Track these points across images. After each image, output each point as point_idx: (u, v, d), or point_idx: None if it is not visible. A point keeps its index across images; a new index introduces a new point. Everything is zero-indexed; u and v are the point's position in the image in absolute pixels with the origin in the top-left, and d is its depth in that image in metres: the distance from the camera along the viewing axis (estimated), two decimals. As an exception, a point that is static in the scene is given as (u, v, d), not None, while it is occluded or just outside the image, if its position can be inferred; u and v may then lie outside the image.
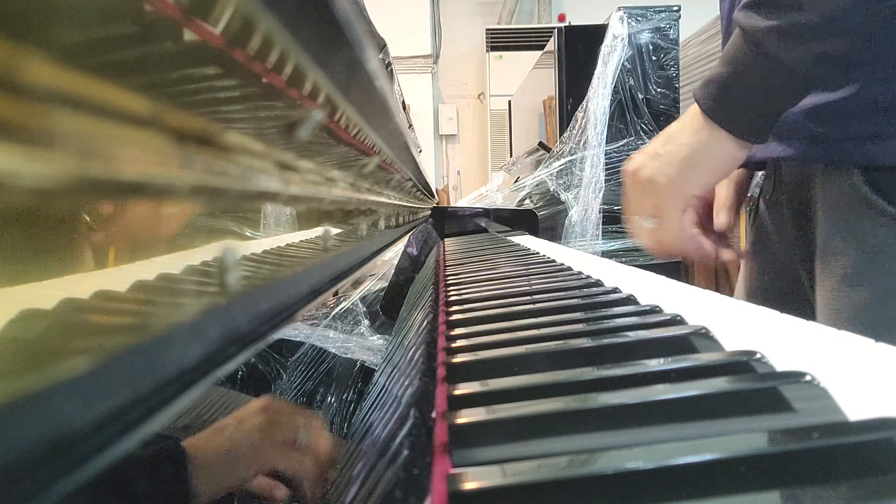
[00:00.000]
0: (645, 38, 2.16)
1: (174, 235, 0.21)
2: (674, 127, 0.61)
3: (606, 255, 2.05)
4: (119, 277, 0.17)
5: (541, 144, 2.42)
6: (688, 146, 0.58)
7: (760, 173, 0.81)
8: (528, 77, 3.13)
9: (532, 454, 0.19)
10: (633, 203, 0.64)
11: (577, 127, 2.12)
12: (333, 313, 1.20)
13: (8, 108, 0.09)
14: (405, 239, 1.15)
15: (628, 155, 0.80)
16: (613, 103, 2.13)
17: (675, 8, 2.20)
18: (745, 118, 0.57)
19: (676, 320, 0.31)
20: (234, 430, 0.57)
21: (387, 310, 1.24)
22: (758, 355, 0.24)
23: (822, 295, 0.63)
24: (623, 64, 2.13)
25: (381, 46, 0.73)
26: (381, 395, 0.43)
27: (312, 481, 0.57)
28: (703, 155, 0.58)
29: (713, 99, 0.57)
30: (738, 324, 0.33)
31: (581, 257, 0.72)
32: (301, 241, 0.39)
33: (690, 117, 0.60)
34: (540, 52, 2.74)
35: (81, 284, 0.15)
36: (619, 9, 2.15)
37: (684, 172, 0.58)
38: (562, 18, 4.38)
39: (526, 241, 1.11)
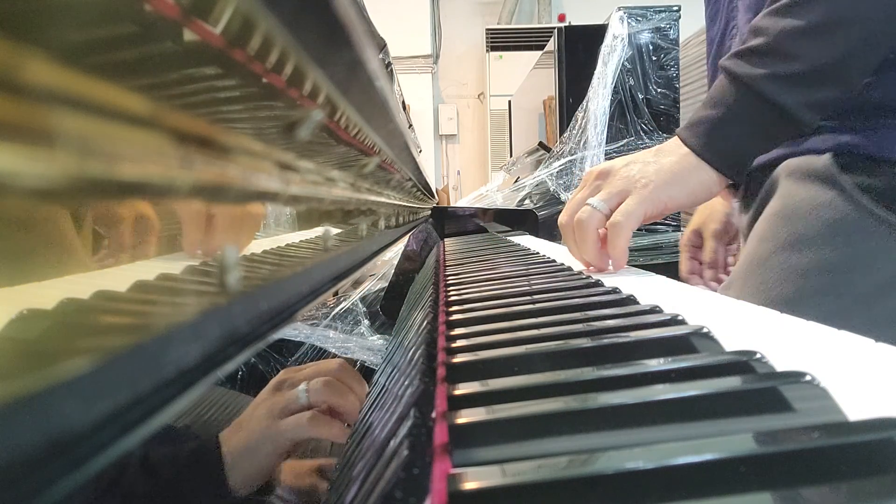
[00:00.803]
0: (645, 38, 2.16)
1: (174, 236, 0.21)
2: (662, 146, 0.65)
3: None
4: (119, 277, 0.17)
5: (541, 144, 2.42)
6: (676, 163, 0.62)
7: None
8: (528, 77, 3.13)
9: (532, 454, 0.19)
10: (597, 189, 0.64)
11: (577, 127, 2.12)
12: (333, 313, 1.20)
13: (8, 108, 0.09)
14: (405, 239, 1.15)
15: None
16: (613, 103, 2.13)
17: (675, 8, 2.20)
18: (733, 157, 0.61)
19: (676, 320, 0.31)
20: (248, 420, 0.57)
21: (387, 310, 1.24)
22: (758, 355, 0.24)
23: (751, 256, 0.66)
24: (623, 64, 2.13)
25: (381, 46, 0.73)
26: (380, 395, 0.43)
27: (332, 433, 0.56)
28: (687, 174, 0.62)
29: (703, 139, 0.62)
30: (738, 324, 0.33)
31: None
32: (301, 241, 0.39)
33: (678, 144, 0.64)
34: (540, 52, 2.74)
35: (81, 284, 0.15)
36: (619, 9, 2.15)
37: (667, 181, 0.62)
38: (562, 18, 4.38)
39: (526, 241, 1.11)
